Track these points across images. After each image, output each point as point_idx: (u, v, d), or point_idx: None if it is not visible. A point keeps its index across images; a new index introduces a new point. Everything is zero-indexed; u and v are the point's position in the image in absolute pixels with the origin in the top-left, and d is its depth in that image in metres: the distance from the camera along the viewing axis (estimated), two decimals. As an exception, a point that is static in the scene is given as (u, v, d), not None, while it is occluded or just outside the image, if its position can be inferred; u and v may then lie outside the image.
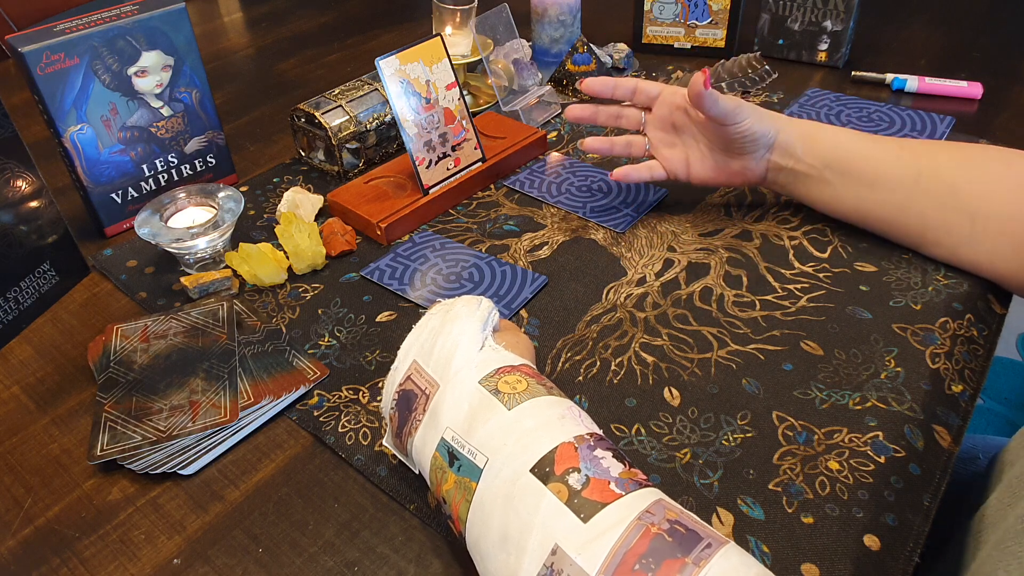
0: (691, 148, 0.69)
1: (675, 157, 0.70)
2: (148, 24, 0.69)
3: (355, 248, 0.71)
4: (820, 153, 0.65)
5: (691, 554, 0.33)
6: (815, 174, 0.65)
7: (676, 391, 0.56)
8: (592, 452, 0.39)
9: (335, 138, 0.77)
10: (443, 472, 0.41)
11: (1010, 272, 0.61)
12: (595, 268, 0.68)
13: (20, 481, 0.52)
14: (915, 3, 1.19)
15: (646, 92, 0.70)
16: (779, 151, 0.66)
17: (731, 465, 0.50)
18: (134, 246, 0.73)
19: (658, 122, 0.70)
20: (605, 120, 0.72)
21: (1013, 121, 0.87)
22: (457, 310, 0.47)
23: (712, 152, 0.68)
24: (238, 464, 0.53)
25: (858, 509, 0.47)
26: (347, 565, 0.46)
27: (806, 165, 0.65)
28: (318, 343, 0.61)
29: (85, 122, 0.68)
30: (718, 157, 0.68)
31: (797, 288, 0.64)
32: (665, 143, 0.70)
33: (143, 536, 0.48)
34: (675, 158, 0.70)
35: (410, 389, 0.45)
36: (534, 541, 0.36)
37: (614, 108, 0.72)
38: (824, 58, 0.99)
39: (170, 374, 0.57)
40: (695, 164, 0.69)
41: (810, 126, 0.66)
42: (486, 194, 0.78)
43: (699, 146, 0.68)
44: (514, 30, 0.90)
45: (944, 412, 0.53)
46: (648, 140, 0.71)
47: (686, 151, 0.69)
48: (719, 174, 0.68)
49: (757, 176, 0.68)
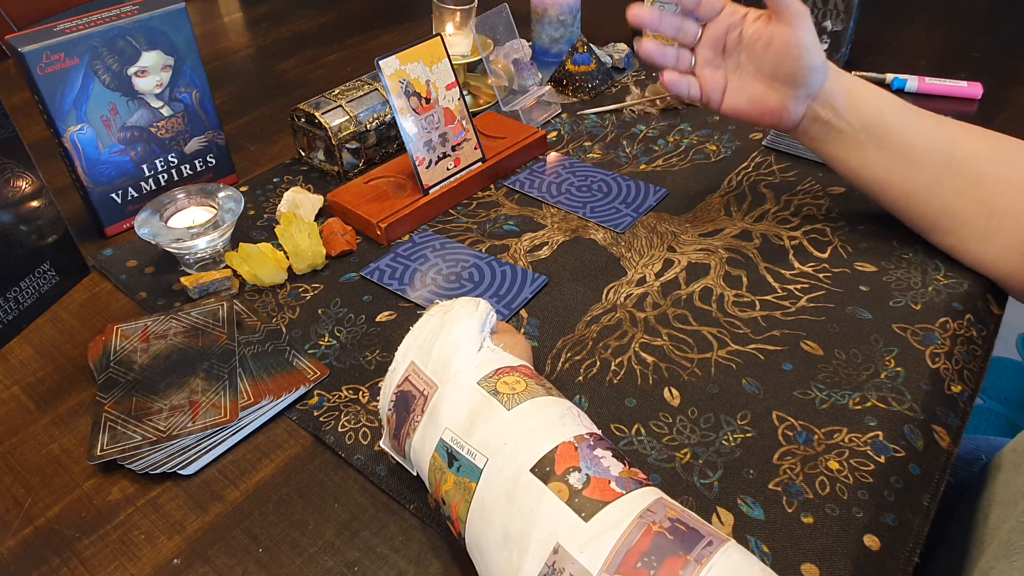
0: (732, 74, 0.66)
1: (715, 80, 0.66)
2: (148, 24, 0.69)
3: (355, 248, 0.71)
4: (861, 113, 0.62)
5: (693, 552, 0.34)
6: (851, 134, 0.63)
7: (676, 391, 0.56)
8: (592, 451, 0.39)
9: (335, 138, 0.77)
10: (442, 473, 0.41)
11: (1012, 273, 0.61)
12: (595, 268, 0.68)
13: (20, 481, 0.52)
14: (915, 3, 1.19)
15: (710, 4, 0.65)
16: (822, 100, 0.63)
17: (731, 465, 0.50)
18: (134, 246, 0.73)
19: (711, 40, 0.66)
20: (667, 29, 0.68)
21: (1013, 121, 0.87)
22: (455, 312, 0.47)
23: (757, 80, 0.64)
24: (238, 464, 0.53)
25: (858, 509, 0.47)
26: (347, 565, 0.46)
27: (845, 122, 0.63)
28: (318, 343, 0.61)
29: (85, 122, 0.68)
30: (758, 89, 0.64)
31: (797, 288, 0.64)
32: (710, 63, 0.67)
33: (143, 536, 0.48)
34: (715, 81, 0.66)
35: (408, 390, 0.45)
36: (536, 540, 0.36)
37: (678, 18, 0.67)
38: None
39: (170, 374, 0.57)
40: (732, 92, 0.66)
41: (856, 83, 0.63)
42: (486, 194, 0.78)
43: (743, 74, 0.65)
44: (514, 30, 0.90)
45: (944, 412, 0.53)
46: (695, 56, 0.68)
47: (727, 76, 0.66)
48: (753, 107, 0.65)
49: (791, 120, 0.65)
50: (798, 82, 0.62)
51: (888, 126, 0.62)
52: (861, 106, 0.62)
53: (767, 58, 0.63)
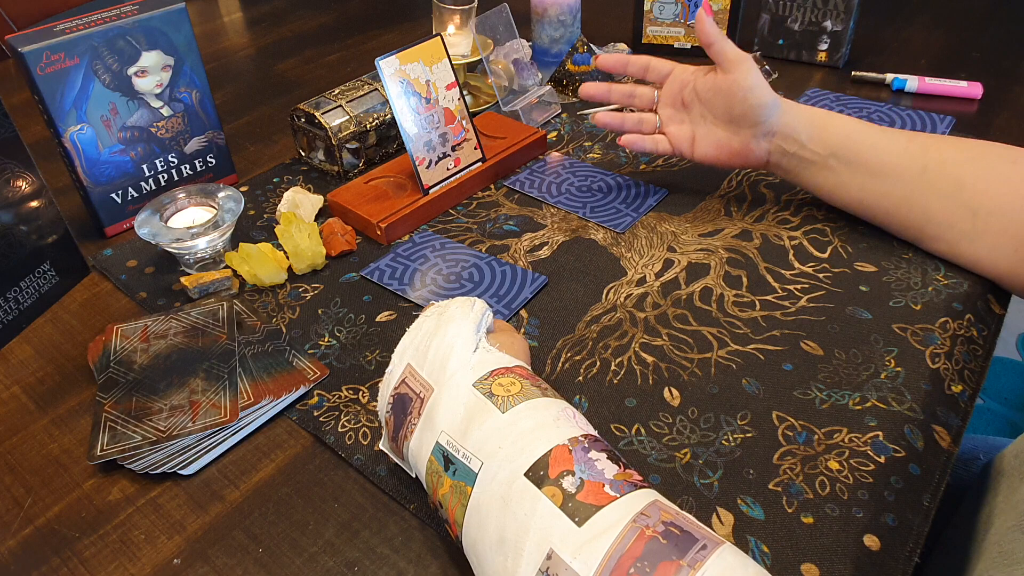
0: (698, 125, 0.70)
1: (682, 133, 0.70)
2: (148, 24, 0.69)
3: (355, 248, 0.71)
4: (827, 141, 0.64)
5: (686, 556, 0.33)
6: (820, 161, 0.65)
7: (676, 391, 0.56)
8: (586, 454, 0.38)
9: (335, 138, 0.77)
10: (439, 476, 0.41)
11: (1009, 270, 0.61)
12: (595, 268, 0.68)
13: (20, 481, 0.52)
14: (915, 3, 1.19)
15: (658, 69, 0.71)
16: (783, 135, 0.66)
17: (731, 465, 0.50)
18: (134, 246, 0.73)
19: (668, 99, 0.71)
20: (618, 99, 0.73)
21: (1013, 121, 0.87)
22: (451, 312, 0.47)
23: (717, 127, 0.68)
24: (238, 464, 0.53)
25: (858, 509, 0.47)
26: (347, 565, 0.46)
27: (811, 152, 0.65)
28: (318, 343, 0.61)
29: (85, 122, 0.68)
30: (722, 134, 0.68)
31: (797, 288, 0.64)
32: (674, 120, 0.71)
33: (143, 536, 0.48)
34: (682, 134, 0.70)
35: (405, 393, 0.45)
36: (530, 545, 0.36)
37: (627, 87, 0.72)
38: (824, 58, 0.99)
39: (170, 374, 0.57)
40: (700, 140, 0.69)
41: (818, 113, 0.65)
42: (486, 194, 0.78)
43: (705, 123, 0.69)
44: (514, 30, 0.90)
45: (944, 412, 0.53)
46: (659, 118, 0.72)
47: (693, 128, 0.70)
48: (721, 151, 0.69)
49: (759, 157, 0.68)
50: (751, 120, 0.66)
51: (856, 148, 0.64)
52: (826, 134, 0.65)
53: (719, 104, 0.67)
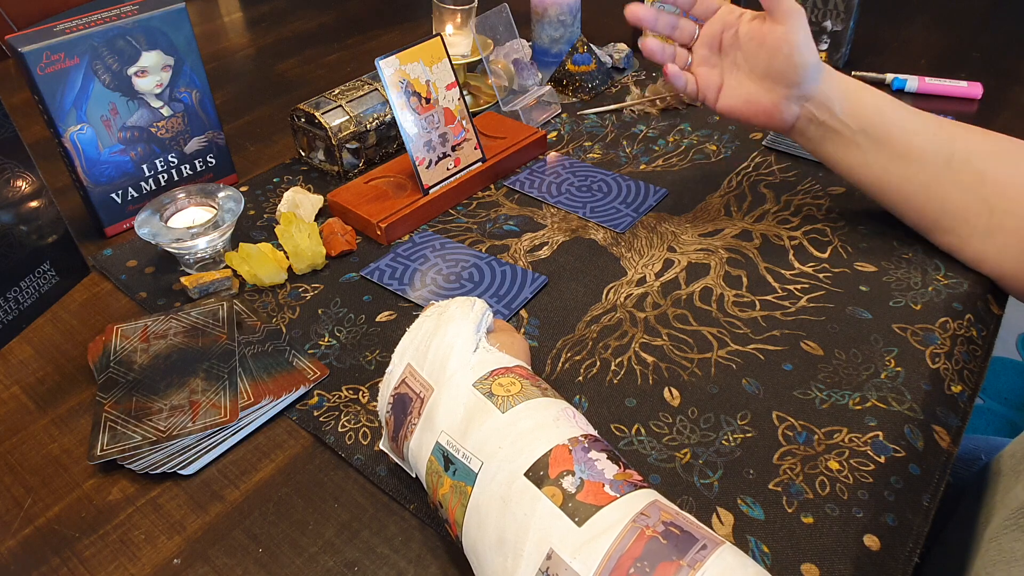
0: (729, 73, 0.67)
1: (710, 77, 0.67)
2: (148, 24, 0.69)
3: (355, 248, 0.71)
4: (859, 114, 0.63)
5: (686, 556, 0.33)
6: (848, 135, 0.63)
7: (676, 391, 0.56)
8: (586, 454, 0.38)
9: (335, 138, 0.77)
10: (439, 476, 0.41)
11: (1013, 272, 0.61)
12: (595, 268, 0.68)
13: (20, 481, 0.52)
14: (915, 3, 1.19)
15: (706, 4, 0.67)
16: (817, 102, 0.63)
17: (731, 465, 0.50)
18: (134, 246, 0.73)
19: (707, 38, 0.67)
20: (663, 27, 0.69)
21: (1013, 121, 0.87)
22: (451, 312, 0.46)
23: (751, 80, 0.65)
24: (238, 464, 0.53)
25: (858, 509, 0.47)
26: (347, 565, 0.46)
27: (841, 123, 0.63)
28: (318, 343, 0.61)
29: (85, 122, 0.68)
30: (753, 88, 0.65)
31: (797, 288, 0.64)
32: (707, 62, 0.68)
33: (143, 536, 0.48)
34: (710, 79, 0.67)
35: (405, 393, 0.45)
36: (530, 545, 0.36)
37: (673, 17, 0.68)
38: (824, 58, 0.99)
39: (170, 374, 0.57)
40: (727, 91, 0.67)
41: (853, 84, 0.63)
42: (486, 194, 0.78)
43: (738, 73, 0.66)
44: (514, 30, 0.90)
45: (944, 412, 0.53)
46: (691, 55, 0.69)
47: (723, 75, 0.67)
48: (748, 106, 0.66)
49: (786, 121, 0.65)
50: (790, 80, 0.62)
51: (887, 127, 0.62)
52: (859, 108, 0.62)
53: (760, 56, 0.63)
